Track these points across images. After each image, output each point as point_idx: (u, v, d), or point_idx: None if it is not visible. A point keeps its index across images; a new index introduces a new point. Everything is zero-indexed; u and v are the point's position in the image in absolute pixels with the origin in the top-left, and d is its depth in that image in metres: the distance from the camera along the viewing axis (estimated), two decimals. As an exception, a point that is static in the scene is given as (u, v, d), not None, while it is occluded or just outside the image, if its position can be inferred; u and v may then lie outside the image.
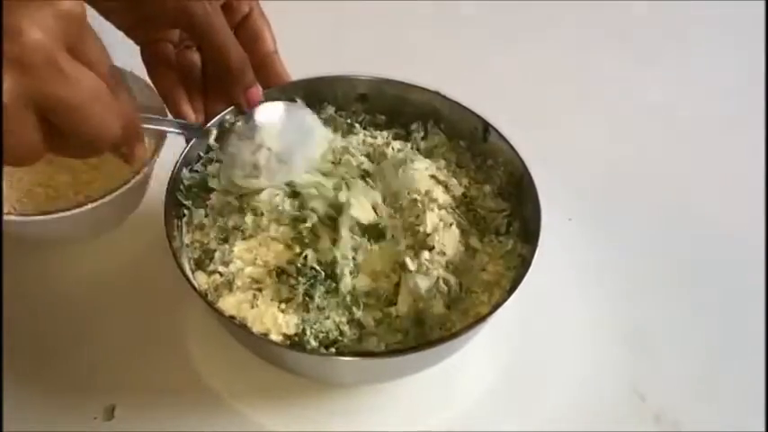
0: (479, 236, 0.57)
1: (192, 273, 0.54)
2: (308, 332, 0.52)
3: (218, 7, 0.54)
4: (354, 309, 0.53)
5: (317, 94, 0.61)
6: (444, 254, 0.55)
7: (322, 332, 0.52)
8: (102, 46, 0.39)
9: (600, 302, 0.63)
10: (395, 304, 0.54)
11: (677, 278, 0.65)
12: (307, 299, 0.53)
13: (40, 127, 0.36)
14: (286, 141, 0.55)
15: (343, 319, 0.53)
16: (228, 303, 0.52)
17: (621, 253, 0.66)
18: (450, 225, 0.56)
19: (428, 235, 0.55)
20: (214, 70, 0.56)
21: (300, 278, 0.53)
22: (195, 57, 0.58)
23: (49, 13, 0.35)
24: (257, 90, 0.57)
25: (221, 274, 0.54)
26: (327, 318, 0.52)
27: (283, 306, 0.53)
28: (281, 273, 0.54)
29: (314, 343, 0.51)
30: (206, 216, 0.57)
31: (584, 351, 0.59)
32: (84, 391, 0.55)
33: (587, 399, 0.57)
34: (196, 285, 0.51)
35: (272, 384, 0.56)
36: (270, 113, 0.55)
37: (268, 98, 0.59)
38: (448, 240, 0.56)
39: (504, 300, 0.50)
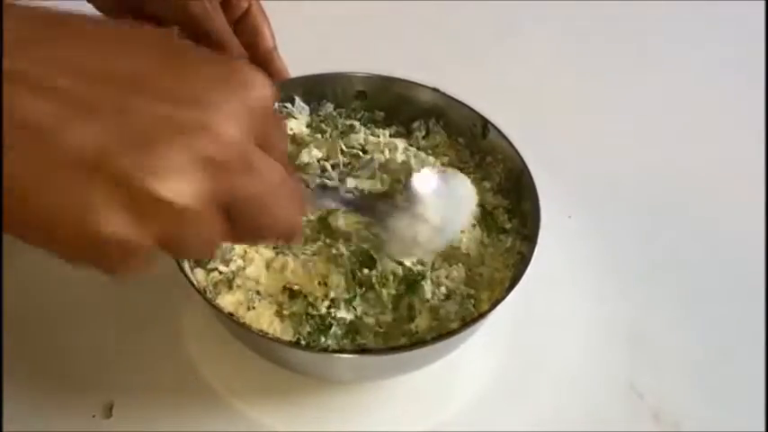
0: (487, 233, 0.57)
1: (191, 270, 0.54)
2: (303, 343, 0.51)
3: (217, 5, 0.54)
4: (360, 337, 0.52)
5: (315, 92, 0.62)
6: (469, 255, 0.55)
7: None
8: (283, 127, 0.37)
9: (599, 300, 0.62)
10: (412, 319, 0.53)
11: (676, 276, 0.64)
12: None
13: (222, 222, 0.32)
14: (442, 211, 0.53)
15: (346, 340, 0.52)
16: (226, 301, 0.52)
17: (621, 251, 0.66)
18: (474, 226, 0.56)
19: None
20: None
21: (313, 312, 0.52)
22: None
23: (240, 103, 0.31)
24: None
25: (220, 272, 0.54)
26: (328, 339, 0.52)
27: (285, 312, 0.52)
28: (293, 295, 0.53)
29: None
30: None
31: (584, 349, 0.59)
32: (82, 389, 0.55)
33: (586, 397, 0.56)
34: (195, 282, 0.51)
35: (270, 382, 0.55)
36: (427, 182, 0.53)
37: None
38: (472, 243, 0.56)
39: (504, 297, 0.50)
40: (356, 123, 0.62)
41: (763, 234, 0.67)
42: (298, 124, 0.61)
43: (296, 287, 0.53)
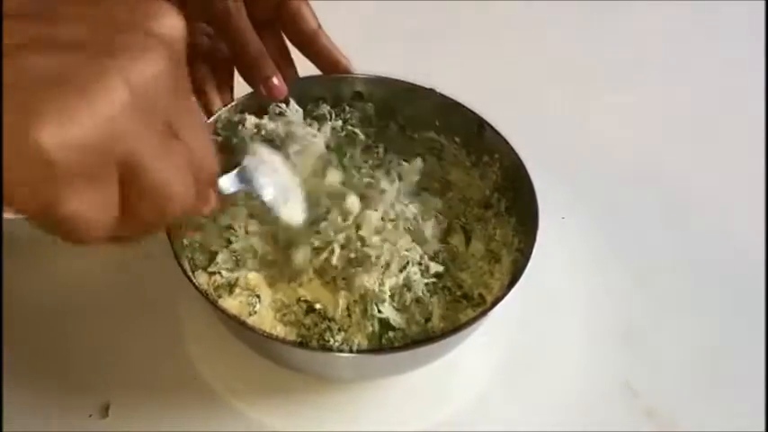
0: (479, 231, 0.57)
1: (193, 273, 0.54)
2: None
3: (241, 5, 0.55)
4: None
5: (312, 93, 0.61)
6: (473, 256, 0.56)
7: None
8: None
9: (595, 299, 0.62)
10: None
11: (673, 275, 0.65)
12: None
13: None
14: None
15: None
16: (228, 305, 0.52)
17: (617, 250, 0.66)
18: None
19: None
20: (237, 63, 0.57)
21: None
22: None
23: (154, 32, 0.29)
24: (279, 81, 0.56)
25: (222, 276, 0.54)
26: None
27: (286, 319, 0.53)
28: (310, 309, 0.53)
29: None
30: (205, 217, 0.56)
31: (579, 348, 0.59)
32: (79, 389, 0.55)
33: (582, 396, 0.57)
34: (197, 285, 0.51)
35: (270, 381, 0.55)
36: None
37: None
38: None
39: (504, 295, 0.50)
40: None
41: (763, 231, 0.68)
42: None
43: (317, 306, 0.53)
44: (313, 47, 0.58)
